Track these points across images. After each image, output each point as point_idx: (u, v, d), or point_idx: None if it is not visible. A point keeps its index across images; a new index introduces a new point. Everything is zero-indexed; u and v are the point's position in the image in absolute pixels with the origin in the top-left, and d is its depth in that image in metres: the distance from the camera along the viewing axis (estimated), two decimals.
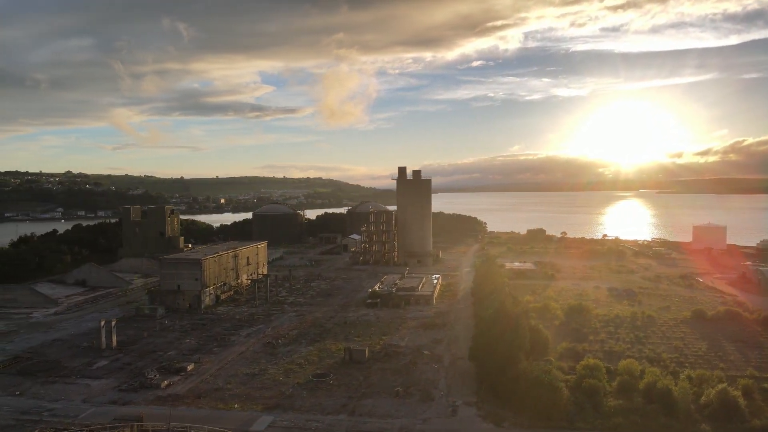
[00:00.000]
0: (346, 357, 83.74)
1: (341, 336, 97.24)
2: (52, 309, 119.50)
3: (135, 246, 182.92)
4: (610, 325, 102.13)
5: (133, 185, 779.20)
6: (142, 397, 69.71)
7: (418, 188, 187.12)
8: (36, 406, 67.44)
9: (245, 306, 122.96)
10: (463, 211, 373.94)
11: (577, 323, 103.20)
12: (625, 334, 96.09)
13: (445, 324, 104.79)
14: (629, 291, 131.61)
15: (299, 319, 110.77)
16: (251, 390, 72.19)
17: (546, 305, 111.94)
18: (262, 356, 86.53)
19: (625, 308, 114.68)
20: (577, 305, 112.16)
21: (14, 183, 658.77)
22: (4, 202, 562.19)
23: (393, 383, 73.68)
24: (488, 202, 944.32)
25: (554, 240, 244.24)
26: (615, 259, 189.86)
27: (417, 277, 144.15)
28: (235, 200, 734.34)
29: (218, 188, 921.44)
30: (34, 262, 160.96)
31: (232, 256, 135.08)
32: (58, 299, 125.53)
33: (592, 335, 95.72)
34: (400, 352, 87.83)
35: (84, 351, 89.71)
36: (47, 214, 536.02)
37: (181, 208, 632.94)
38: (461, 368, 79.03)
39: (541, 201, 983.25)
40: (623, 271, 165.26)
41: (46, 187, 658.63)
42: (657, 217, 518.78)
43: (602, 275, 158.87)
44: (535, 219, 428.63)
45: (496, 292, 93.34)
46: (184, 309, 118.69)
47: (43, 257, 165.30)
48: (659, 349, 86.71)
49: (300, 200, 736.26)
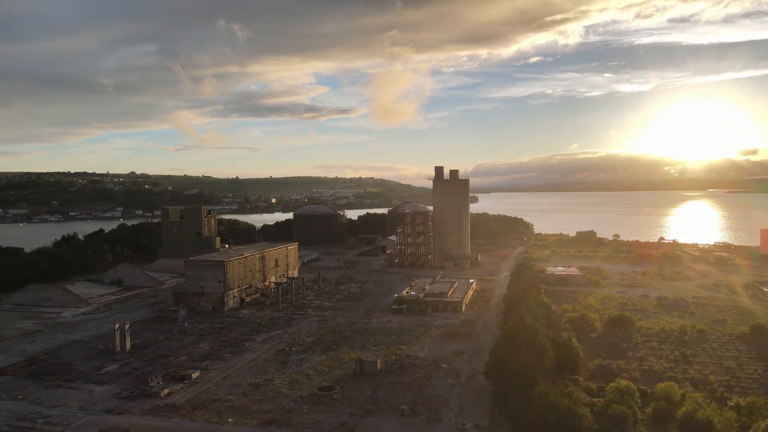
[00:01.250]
0: (357, 369, 79.01)
1: (358, 344, 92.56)
2: (81, 309, 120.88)
3: (173, 246, 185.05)
4: (654, 339, 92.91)
5: (189, 185, 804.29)
6: (140, 406, 67.34)
7: (456, 189, 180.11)
8: (33, 412, 66.25)
9: (269, 309, 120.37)
10: (516, 212, 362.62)
11: (617, 337, 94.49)
12: (670, 350, 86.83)
13: (470, 334, 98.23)
14: (681, 301, 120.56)
15: (319, 324, 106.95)
16: (251, 402, 68.59)
17: (583, 315, 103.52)
18: (271, 365, 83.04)
19: (673, 320, 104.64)
20: (618, 316, 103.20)
21: (80, 184, 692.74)
22: (69, 202, 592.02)
23: (401, 400, 68.31)
24: (542, 203, 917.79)
25: (605, 243, 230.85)
26: (670, 264, 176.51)
27: (449, 281, 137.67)
28: (286, 200, 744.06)
29: (271, 188, 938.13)
30: (76, 262, 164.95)
31: (258, 257, 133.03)
32: (89, 299, 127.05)
33: (632, 351, 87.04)
34: (417, 364, 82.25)
35: (98, 354, 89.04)
36: (108, 214, 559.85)
37: (233, 207, 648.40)
38: (478, 385, 72.69)
39: (599, 201, 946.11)
40: (677, 279, 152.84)
41: (108, 187, 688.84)
42: (726, 219, 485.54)
43: (653, 282, 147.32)
44: (589, 220, 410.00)
45: (522, 301, 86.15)
46: (207, 311, 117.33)
47: (85, 256, 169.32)
48: (707, 370, 77.33)
49: (349, 200, 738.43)
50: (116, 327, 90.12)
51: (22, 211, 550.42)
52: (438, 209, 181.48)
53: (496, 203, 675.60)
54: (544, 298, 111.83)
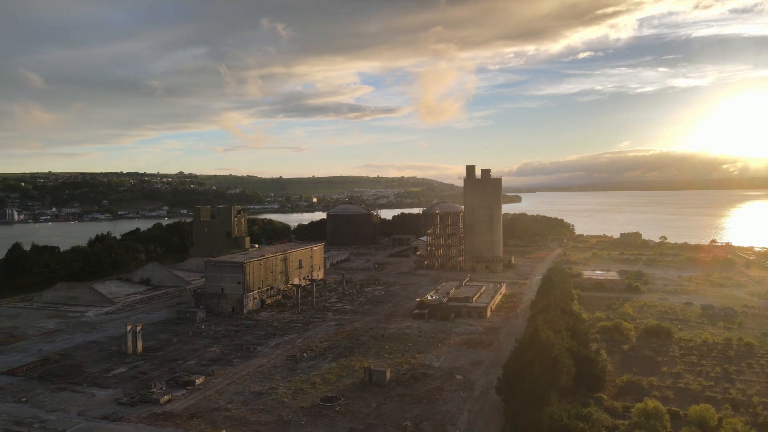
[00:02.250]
0: (366, 378, 75.07)
1: (372, 351, 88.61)
2: (105, 308, 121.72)
3: (204, 246, 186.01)
4: (694, 353, 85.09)
5: (234, 185, 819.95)
6: (137, 413, 65.45)
7: (487, 188, 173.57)
8: (32, 416, 65.34)
9: (289, 312, 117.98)
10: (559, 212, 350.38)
11: (652, 349, 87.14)
12: (711, 366, 79.04)
13: (492, 342, 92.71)
14: (728, 310, 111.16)
15: (337, 329, 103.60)
16: (249, 412, 65.67)
17: (617, 325, 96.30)
18: (279, 371, 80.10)
19: (718, 332, 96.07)
20: (656, 326, 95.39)
21: (130, 183, 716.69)
22: (119, 201, 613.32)
23: (407, 414, 63.97)
24: (589, 202, 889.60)
25: (650, 245, 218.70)
26: (720, 269, 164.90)
27: (476, 285, 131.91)
28: (327, 199, 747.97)
29: (314, 187, 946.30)
30: (109, 261, 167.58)
31: (281, 258, 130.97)
32: (115, 298, 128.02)
33: (667, 366, 79.74)
34: (430, 374, 77.67)
35: (110, 356, 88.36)
36: (154, 213, 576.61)
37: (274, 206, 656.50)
38: (492, 401, 67.48)
39: (649, 201, 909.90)
40: (727, 285, 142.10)
41: (156, 187, 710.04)
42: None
43: (699, 289, 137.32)
44: (636, 221, 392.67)
45: (544, 310, 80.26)
46: (227, 313, 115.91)
47: (118, 255, 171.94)
48: (751, 390, 69.57)
49: (390, 200, 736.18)
50: (128, 329, 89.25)
51: (74, 210, 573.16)
52: (469, 210, 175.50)
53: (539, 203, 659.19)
54: (575, 306, 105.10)
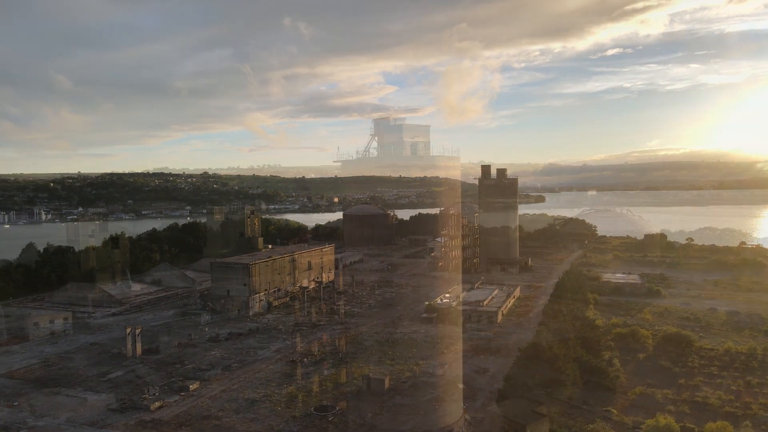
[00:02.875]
0: (364, 386, 72.24)
1: (375, 357, 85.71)
2: (113, 309, 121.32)
3: (217, 246, 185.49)
4: (715, 363, 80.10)
5: (256, 185, 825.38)
6: (124, 421, 63.74)
7: (503, 189, 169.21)
8: (20, 421, 64.12)
9: (295, 314, 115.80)
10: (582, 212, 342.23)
11: (670, 359, 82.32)
12: (732, 378, 74.12)
13: (500, 349, 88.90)
14: (756, 317, 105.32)
15: (342, 333, 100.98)
16: (240, 421, 63.39)
17: (634, 331, 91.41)
18: (276, 377, 77.78)
19: (743, 341, 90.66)
20: (675, 334, 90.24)
21: (155, 183, 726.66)
22: (143, 201, 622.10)
23: (401, 427, 60.90)
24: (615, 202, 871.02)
25: (675, 247, 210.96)
26: (749, 273, 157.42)
27: (488, 288, 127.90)
28: (349, 199, 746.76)
29: (336, 187, 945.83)
30: (122, 261, 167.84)
31: (288, 260, 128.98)
32: (123, 299, 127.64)
33: (685, 377, 75.05)
34: (431, 383, 74.39)
35: (109, 358, 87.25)
36: (177, 212, 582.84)
37: (295, 206, 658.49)
38: (492, 413, 63.91)
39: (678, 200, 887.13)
40: (756, 290, 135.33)
41: (179, 186, 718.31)
42: None
43: (726, 293, 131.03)
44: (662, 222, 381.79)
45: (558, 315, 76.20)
46: (232, 315, 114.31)
47: (131, 255, 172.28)
48: None
49: (411, 199, 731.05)
50: (128, 331, 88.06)
51: (99, 209, 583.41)
52: (485, 210, 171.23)
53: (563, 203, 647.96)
54: (590, 311, 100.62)
